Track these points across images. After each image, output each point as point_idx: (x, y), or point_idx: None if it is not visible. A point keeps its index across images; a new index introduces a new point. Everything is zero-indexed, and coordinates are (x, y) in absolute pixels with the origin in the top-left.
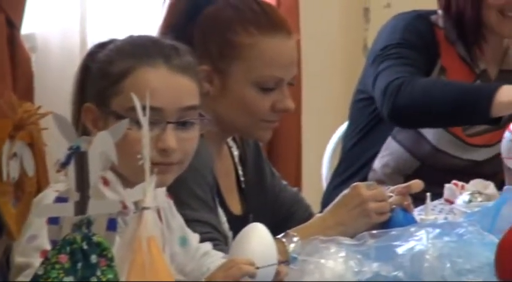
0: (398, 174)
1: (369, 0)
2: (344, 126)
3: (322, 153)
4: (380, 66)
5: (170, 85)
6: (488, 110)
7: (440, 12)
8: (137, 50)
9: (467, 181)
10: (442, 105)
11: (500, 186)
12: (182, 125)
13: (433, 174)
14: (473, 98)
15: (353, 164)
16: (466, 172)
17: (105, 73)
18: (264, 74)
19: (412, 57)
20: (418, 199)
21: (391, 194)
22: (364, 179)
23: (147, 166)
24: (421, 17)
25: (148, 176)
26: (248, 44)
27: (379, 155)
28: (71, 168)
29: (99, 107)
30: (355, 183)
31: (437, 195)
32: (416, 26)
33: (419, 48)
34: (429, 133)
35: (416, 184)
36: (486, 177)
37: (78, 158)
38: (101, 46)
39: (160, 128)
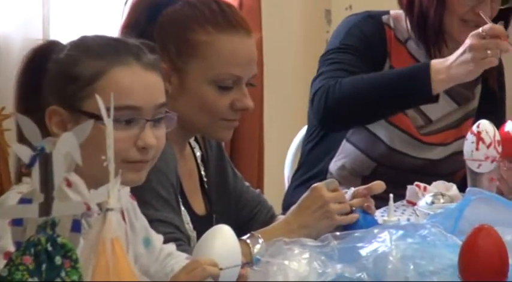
0: (355, 176)
1: (331, 2)
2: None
3: (284, 154)
4: (318, 72)
5: (145, 83)
6: (429, 90)
7: (392, 12)
8: (105, 49)
9: (425, 180)
10: (376, 95)
11: (458, 185)
12: (155, 122)
13: (390, 174)
14: (410, 81)
15: (312, 167)
16: (423, 171)
17: (74, 75)
18: (222, 71)
19: (349, 62)
20: (379, 199)
21: (347, 191)
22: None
23: (112, 167)
24: (371, 18)
25: (113, 177)
26: (205, 41)
27: (335, 158)
28: (36, 169)
29: (68, 110)
30: (315, 185)
31: (396, 195)
32: (360, 28)
33: (360, 52)
34: (383, 133)
35: (378, 185)
36: (443, 176)
37: (42, 159)
38: (50, 47)
39: (138, 126)
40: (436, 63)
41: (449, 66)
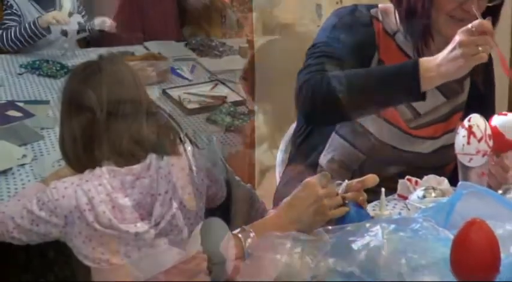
0: (345, 168)
1: None
2: None
3: (275, 148)
4: (304, 65)
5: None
6: (418, 88)
7: (381, 5)
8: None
9: (414, 174)
10: (363, 91)
11: (448, 179)
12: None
13: (380, 168)
14: (398, 79)
15: (302, 161)
16: (413, 165)
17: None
18: None
19: (337, 55)
20: (370, 192)
21: (341, 182)
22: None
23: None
24: (359, 11)
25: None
26: None
27: (324, 151)
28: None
29: None
30: (307, 180)
31: (387, 188)
32: (348, 21)
33: (348, 45)
34: (371, 126)
35: (371, 178)
36: (433, 169)
37: None
38: None
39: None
40: (425, 61)
41: (439, 63)
